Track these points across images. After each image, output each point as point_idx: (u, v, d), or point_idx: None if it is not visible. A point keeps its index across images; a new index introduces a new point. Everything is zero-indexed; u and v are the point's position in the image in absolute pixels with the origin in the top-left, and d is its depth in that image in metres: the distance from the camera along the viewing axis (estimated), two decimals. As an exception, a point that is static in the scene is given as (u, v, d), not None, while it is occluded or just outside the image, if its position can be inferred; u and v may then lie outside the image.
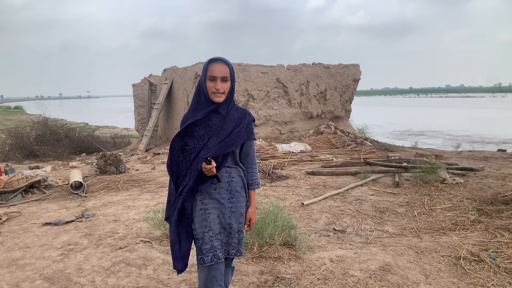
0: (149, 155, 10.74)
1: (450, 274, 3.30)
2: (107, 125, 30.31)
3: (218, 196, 2.24)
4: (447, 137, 20.68)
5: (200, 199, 2.24)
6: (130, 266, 3.55)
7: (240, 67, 11.47)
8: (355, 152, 9.82)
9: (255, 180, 2.38)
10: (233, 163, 2.29)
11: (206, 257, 2.19)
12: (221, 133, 2.20)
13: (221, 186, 2.24)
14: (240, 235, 2.31)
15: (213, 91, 2.13)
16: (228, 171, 2.26)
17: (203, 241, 2.21)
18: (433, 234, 4.27)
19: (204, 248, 2.20)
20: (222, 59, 2.14)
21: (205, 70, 2.15)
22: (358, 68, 14.09)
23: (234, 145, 2.21)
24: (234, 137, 2.21)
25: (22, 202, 5.87)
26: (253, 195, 2.39)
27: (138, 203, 5.68)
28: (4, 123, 28.93)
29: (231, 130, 2.21)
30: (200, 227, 2.22)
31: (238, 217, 2.29)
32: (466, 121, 29.88)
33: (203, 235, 2.21)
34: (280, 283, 3.18)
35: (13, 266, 3.61)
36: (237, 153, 2.29)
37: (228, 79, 2.15)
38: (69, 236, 4.39)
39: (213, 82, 2.12)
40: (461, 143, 12.26)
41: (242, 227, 2.33)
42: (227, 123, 2.22)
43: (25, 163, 11.63)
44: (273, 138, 11.98)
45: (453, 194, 5.62)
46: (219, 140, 2.19)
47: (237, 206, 2.28)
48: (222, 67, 2.12)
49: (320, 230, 4.47)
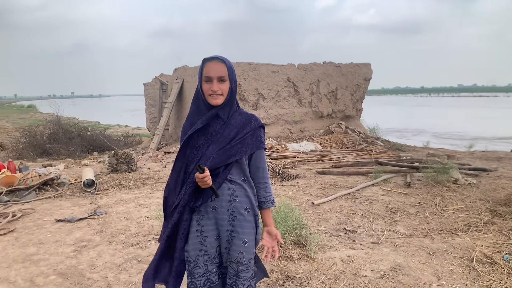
0: (160, 153, 10.81)
1: (462, 276, 3.27)
2: (118, 124, 30.57)
3: (217, 216, 1.93)
4: (459, 137, 20.44)
5: (196, 219, 1.94)
6: (142, 263, 3.59)
7: (251, 66, 11.48)
8: (366, 152, 9.77)
9: (269, 198, 2.02)
10: (240, 178, 1.96)
11: (199, 281, 1.93)
12: (221, 139, 1.92)
13: (221, 205, 1.92)
14: (240, 267, 1.92)
15: (209, 93, 1.87)
16: (231, 188, 1.93)
17: (195, 264, 1.94)
18: (445, 235, 4.24)
19: (197, 272, 1.94)
20: (218, 57, 1.89)
21: (201, 71, 1.90)
22: (369, 67, 14.01)
23: (238, 154, 1.91)
24: (236, 144, 1.91)
25: (36, 199, 5.96)
26: (268, 215, 2.03)
27: (150, 201, 5.73)
28: (18, 122, 29.38)
29: (232, 136, 1.92)
30: (194, 250, 1.94)
31: (238, 245, 1.92)
32: (478, 120, 29.51)
33: (197, 258, 1.94)
34: (290, 282, 3.18)
35: (28, 261, 3.67)
36: (245, 165, 1.97)
37: (226, 79, 1.88)
38: (82, 233, 4.45)
39: (209, 83, 1.87)
40: (474, 143, 12.11)
41: (243, 258, 1.92)
42: (228, 128, 1.94)
43: (39, 161, 11.81)
44: (283, 137, 11.98)
45: (465, 195, 5.56)
46: (218, 148, 1.91)
47: (238, 231, 1.93)
48: (218, 65, 1.86)
49: (330, 230, 4.46)
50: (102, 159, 10.20)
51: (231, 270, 1.95)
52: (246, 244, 1.93)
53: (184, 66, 13.35)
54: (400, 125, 27.06)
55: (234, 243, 1.93)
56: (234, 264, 1.93)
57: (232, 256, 1.93)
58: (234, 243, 1.93)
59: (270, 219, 2.03)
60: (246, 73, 11.37)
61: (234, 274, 1.94)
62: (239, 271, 1.92)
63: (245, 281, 1.93)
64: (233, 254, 1.93)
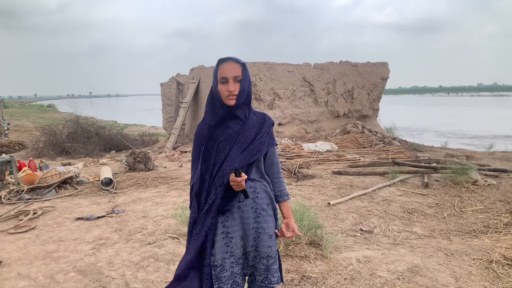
0: (177, 153, 10.91)
1: (481, 277, 3.22)
2: (135, 123, 30.96)
3: (242, 215, 1.95)
4: (479, 137, 20.06)
5: (221, 221, 1.94)
6: (159, 262, 3.63)
7: (266, 66, 11.48)
8: (383, 152, 9.67)
9: (284, 191, 2.08)
10: (258, 176, 2.00)
11: (226, 285, 1.93)
12: (243, 140, 1.94)
13: (245, 204, 1.95)
14: (270, 261, 1.96)
15: (226, 94, 1.87)
16: (253, 185, 1.97)
17: (222, 268, 1.93)
18: (463, 237, 4.17)
19: (224, 276, 1.93)
20: (232, 58, 1.89)
21: (216, 73, 1.91)
22: (387, 66, 13.86)
23: (258, 153, 1.96)
24: (257, 144, 1.95)
25: (56, 197, 6.09)
26: (286, 206, 2.08)
27: (166, 199, 5.79)
28: (38, 121, 30.01)
29: (253, 136, 1.96)
30: (220, 253, 1.93)
31: (266, 240, 1.96)
32: (499, 120, 28.89)
33: (223, 261, 1.93)
34: (306, 282, 3.18)
35: (48, 258, 3.75)
36: (262, 163, 2.02)
37: (241, 79, 1.89)
38: (100, 231, 4.52)
39: (225, 84, 1.87)
40: (494, 143, 11.87)
41: (271, 252, 1.97)
42: (248, 128, 1.96)
43: (58, 159, 12.05)
44: (298, 137, 11.94)
45: (485, 196, 5.46)
46: (242, 149, 1.94)
47: (264, 227, 1.96)
48: (233, 66, 1.87)
49: (346, 230, 4.44)
50: (119, 158, 10.35)
51: (261, 266, 1.97)
52: (272, 238, 1.98)
53: (200, 66, 13.44)
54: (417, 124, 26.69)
55: (262, 239, 1.96)
56: (264, 259, 1.96)
57: (262, 252, 1.96)
58: (262, 239, 1.96)
59: (289, 212, 2.08)
60: (261, 73, 11.38)
61: (264, 270, 1.96)
62: (269, 265, 1.96)
63: (275, 273, 1.98)
64: (262, 250, 1.96)
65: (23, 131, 21.59)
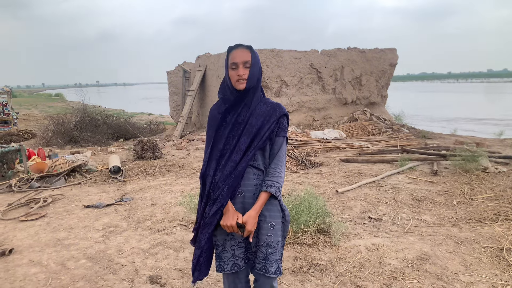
0: (184, 141, 10.93)
1: (492, 265, 3.19)
2: (142, 112, 31.00)
3: (243, 200, 1.97)
4: (490, 123, 19.82)
5: None
6: (168, 249, 3.66)
7: (273, 53, 11.38)
8: (391, 139, 9.61)
9: (269, 182, 1.93)
10: (263, 165, 2.01)
11: (226, 265, 1.99)
12: (249, 129, 1.95)
13: (248, 190, 1.96)
14: (269, 250, 1.94)
15: (236, 78, 1.92)
16: (256, 173, 1.98)
17: (223, 248, 2.00)
18: (473, 224, 4.14)
19: (224, 256, 2.00)
20: (242, 45, 1.95)
21: (227, 60, 1.97)
22: (395, 53, 13.69)
23: (262, 141, 1.96)
24: (265, 133, 1.95)
25: (65, 185, 6.14)
26: (262, 198, 1.93)
27: (175, 187, 5.81)
28: (46, 110, 30.18)
29: (260, 125, 1.95)
30: (221, 234, 1.98)
31: (266, 228, 1.95)
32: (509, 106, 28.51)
33: (224, 242, 1.99)
34: (315, 270, 3.18)
35: (59, 245, 3.79)
36: (268, 152, 2.01)
37: (251, 64, 1.93)
38: (109, 218, 4.56)
39: (235, 69, 1.92)
40: (504, 130, 11.71)
41: (271, 241, 1.95)
42: (253, 117, 1.97)
43: (67, 148, 12.14)
44: (306, 125, 11.89)
45: (495, 183, 5.40)
46: (250, 139, 1.95)
47: (265, 215, 1.95)
48: (243, 52, 1.93)
49: (355, 218, 4.43)
50: (127, 147, 10.39)
51: (260, 254, 1.96)
52: (274, 227, 1.96)
53: (207, 54, 13.36)
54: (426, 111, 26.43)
55: (262, 227, 1.95)
56: (263, 247, 1.95)
57: (261, 239, 1.96)
58: (262, 227, 1.95)
59: (260, 205, 1.93)
60: (268, 60, 11.29)
61: (263, 258, 1.96)
62: (268, 254, 1.95)
63: (274, 263, 1.96)
64: (261, 238, 1.95)
65: (31, 120, 21.74)
